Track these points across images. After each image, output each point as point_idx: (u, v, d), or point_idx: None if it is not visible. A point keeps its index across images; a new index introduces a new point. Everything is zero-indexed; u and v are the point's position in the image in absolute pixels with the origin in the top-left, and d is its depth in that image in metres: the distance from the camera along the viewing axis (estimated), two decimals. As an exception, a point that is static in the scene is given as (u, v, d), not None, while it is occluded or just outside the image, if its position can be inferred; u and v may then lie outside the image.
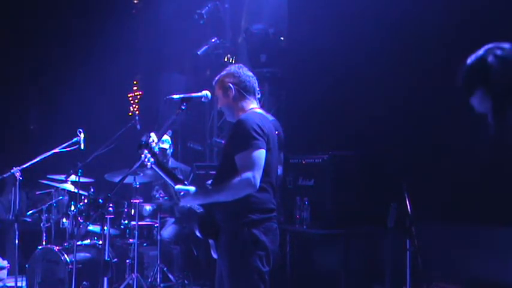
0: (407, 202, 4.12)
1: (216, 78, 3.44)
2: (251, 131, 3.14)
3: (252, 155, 3.10)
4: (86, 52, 8.21)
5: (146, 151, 3.20)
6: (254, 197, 3.15)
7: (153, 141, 3.26)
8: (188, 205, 3.30)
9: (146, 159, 3.20)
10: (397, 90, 5.09)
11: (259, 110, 3.38)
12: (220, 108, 3.47)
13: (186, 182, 3.25)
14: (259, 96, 3.46)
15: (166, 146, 6.20)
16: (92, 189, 5.99)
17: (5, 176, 5.26)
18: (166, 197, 6.25)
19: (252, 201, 3.16)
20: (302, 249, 5.29)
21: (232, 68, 3.43)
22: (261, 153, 3.13)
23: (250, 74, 3.44)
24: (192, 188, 3.18)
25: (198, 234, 3.28)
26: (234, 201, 3.11)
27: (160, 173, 3.26)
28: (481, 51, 2.29)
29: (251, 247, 3.13)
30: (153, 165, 3.22)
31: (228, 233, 3.17)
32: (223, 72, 3.43)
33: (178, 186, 3.18)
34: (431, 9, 4.84)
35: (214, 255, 3.31)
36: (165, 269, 5.76)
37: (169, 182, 3.25)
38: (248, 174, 3.07)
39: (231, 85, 3.35)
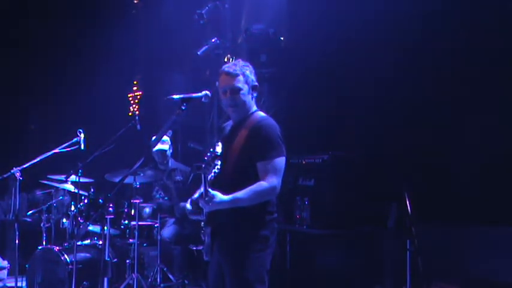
0: (407, 202, 4.12)
1: (241, 67, 3.34)
2: (278, 139, 3.24)
3: (279, 163, 3.20)
4: (86, 52, 8.20)
5: (220, 162, 3.14)
6: (269, 199, 3.25)
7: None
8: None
9: (214, 171, 3.12)
10: (397, 90, 5.09)
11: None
12: (232, 100, 3.32)
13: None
14: None
15: (166, 146, 6.20)
16: (92, 189, 5.98)
17: (5, 176, 5.26)
18: (166, 197, 6.25)
19: (267, 204, 3.24)
20: (302, 249, 5.29)
21: (248, 65, 3.39)
22: (284, 160, 3.24)
23: None
24: (219, 194, 3.08)
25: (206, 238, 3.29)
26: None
27: (204, 181, 3.08)
28: None
29: (263, 246, 3.20)
30: (208, 175, 3.10)
31: (242, 233, 3.20)
32: (243, 63, 3.38)
33: (213, 192, 3.06)
34: (432, 10, 4.85)
35: (206, 257, 3.31)
36: (165, 269, 5.75)
37: (204, 190, 3.09)
38: (274, 182, 3.16)
39: (256, 84, 3.39)
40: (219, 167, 3.14)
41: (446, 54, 4.84)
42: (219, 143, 3.21)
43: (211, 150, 3.10)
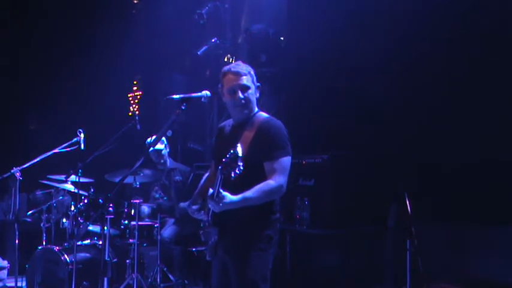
0: (407, 202, 4.12)
1: (246, 67, 3.35)
2: (285, 139, 3.27)
3: (286, 162, 3.23)
4: (86, 52, 8.20)
5: (241, 164, 2.99)
6: (274, 199, 3.28)
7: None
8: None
9: (236, 172, 2.99)
10: (397, 90, 5.09)
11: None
12: (243, 98, 3.30)
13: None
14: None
15: (161, 146, 6.19)
16: (92, 189, 5.99)
17: (5, 176, 5.26)
18: (165, 197, 6.25)
19: (272, 203, 3.27)
20: (302, 249, 5.29)
21: (249, 67, 3.41)
22: (290, 160, 3.26)
23: None
24: (229, 195, 3.06)
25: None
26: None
27: (219, 181, 3.03)
28: None
29: (267, 246, 3.23)
30: (225, 175, 3.00)
31: (248, 233, 3.21)
32: (244, 65, 3.39)
33: (224, 193, 3.04)
34: (433, 9, 4.85)
35: (209, 257, 3.31)
36: (165, 269, 5.75)
37: (216, 191, 3.03)
38: (281, 181, 3.19)
39: (259, 84, 3.41)
40: (241, 168, 2.97)
41: (444, 53, 4.84)
42: (239, 144, 3.03)
43: (232, 151, 2.97)
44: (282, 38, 6.34)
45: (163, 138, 6.11)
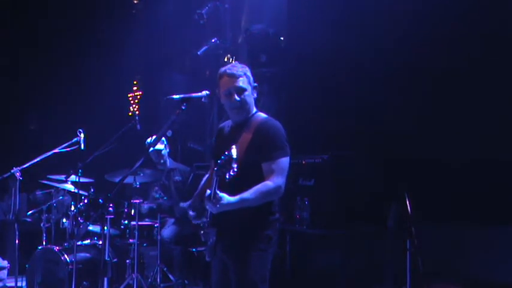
0: (407, 202, 4.12)
1: (242, 68, 3.33)
2: (283, 139, 3.26)
3: (284, 163, 3.22)
4: (86, 52, 8.20)
5: (235, 165, 2.98)
6: (272, 200, 3.27)
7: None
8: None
9: (231, 174, 2.99)
10: (397, 90, 5.09)
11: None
12: (238, 101, 3.29)
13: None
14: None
15: (161, 146, 6.19)
16: (92, 189, 5.99)
17: (5, 176, 5.26)
18: (165, 197, 6.25)
19: (271, 204, 3.27)
20: (302, 249, 5.29)
21: (246, 67, 3.39)
22: (288, 161, 3.25)
23: None
24: (226, 196, 3.05)
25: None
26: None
27: (215, 183, 3.04)
28: None
29: (267, 246, 3.22)
30: (221, 177, 3.02)
31: (247, 233, 3.21)
32: (241, 65, 3.37)
33: (221, 194, 3.03)
34: (433, 9, 4.85)
35: (208, 258, 3.31)
36: (165, 269, 5.76)
37: (213, 192, 3.03)
38: (279, 181, 3.18)
39: (256, 84, 3.40)
40: (236, 169, 2.99)
41: (444, 53, 4.84)
42: (234, 146, 3.02)
43: (227, 153, 2.97)
44: (282, 38, 6.34)
45: (163, 138, 6.11)
